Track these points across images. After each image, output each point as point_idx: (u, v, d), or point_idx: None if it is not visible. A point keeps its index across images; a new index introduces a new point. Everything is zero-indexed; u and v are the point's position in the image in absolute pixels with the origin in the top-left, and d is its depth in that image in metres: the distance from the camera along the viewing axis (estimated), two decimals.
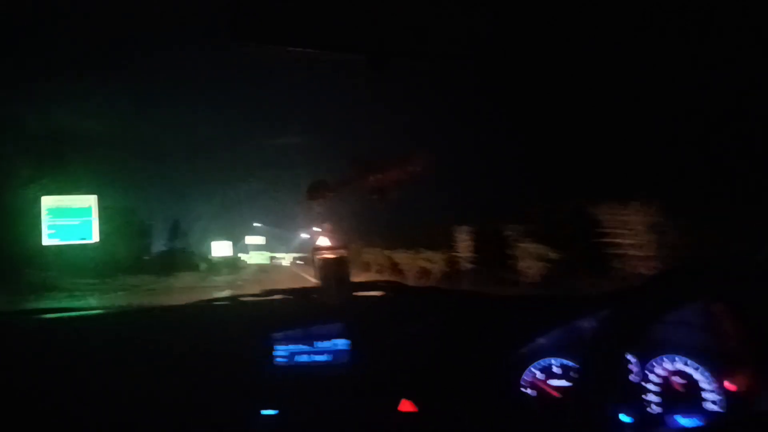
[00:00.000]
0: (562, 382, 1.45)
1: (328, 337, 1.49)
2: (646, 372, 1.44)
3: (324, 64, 1.27)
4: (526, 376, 1.45)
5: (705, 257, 1.10)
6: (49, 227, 4.80)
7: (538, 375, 1.46)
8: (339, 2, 1.09)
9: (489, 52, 1.25)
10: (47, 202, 4.96)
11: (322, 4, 1.08)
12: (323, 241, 1.61)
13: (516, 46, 1.23)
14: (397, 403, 1.36)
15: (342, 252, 1.70)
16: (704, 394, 1.41)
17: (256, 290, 1.79)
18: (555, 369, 1.46)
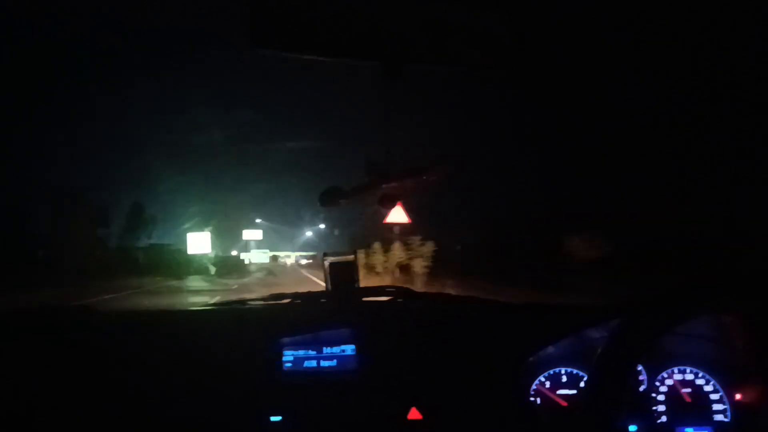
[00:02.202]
0: (570, 392, 1.45)
1: (337, 343, 1.49)
2: (656, 383, 1.44)
3: (340, 71, 1.27)
4: (534, 385, 1.45)
5: (717, 269, 1.10)
6: None
7: (547, 384, 1.46)
8: (355, 11, 1.09)
9: (506, 59, 1.25)
10: None
11: (339, 12, 1.09)
12: (398, 215, 1.56)
13: (534, 53, 1.23)
14: (407, 411, 1.36)
15: (351, 257, 1.71)
16: (713, 406, 1.41)
17: (264, 294, 1.80)
18: (563, 378, 1.46)
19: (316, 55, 1.11)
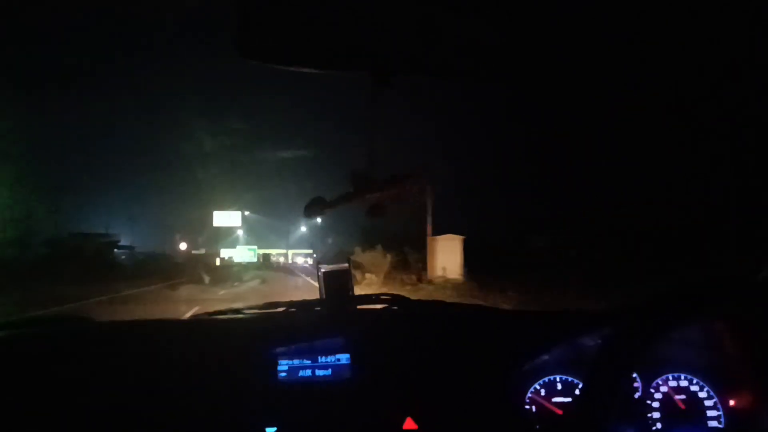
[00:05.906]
0: (566, 399, 1.45)
1: (331, 352, 1.48)
2: (651, 390, 1.44)
3: (326, 80, 1.26)
4: (529, 393, 1.45)
5: (709, 275, 1.10)
6: None
7: (542, 392, 1.45)
8: (343, 20, 1.08)
9: (494, 70, 1.25)
10: None
11: (326, 22, 1.08)
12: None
13: (524, 62, 1.22)
14: (402, 421, 1.36)
15: (345, 265, 1.70)
16: (707, 412, 1.41)
17: (258, 302, 1.79)
18: (558, 386, 1.45)
19: (305, 67, 1.10)
